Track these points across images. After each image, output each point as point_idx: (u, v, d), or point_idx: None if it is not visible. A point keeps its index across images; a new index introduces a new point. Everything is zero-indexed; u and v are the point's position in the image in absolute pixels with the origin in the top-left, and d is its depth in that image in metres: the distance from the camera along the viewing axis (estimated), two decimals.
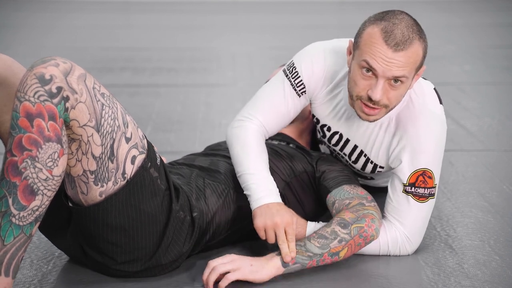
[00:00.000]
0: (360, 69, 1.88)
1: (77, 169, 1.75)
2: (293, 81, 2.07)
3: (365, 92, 1.89)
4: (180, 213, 1.92)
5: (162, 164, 1.90)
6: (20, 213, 1.63)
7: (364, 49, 1.87)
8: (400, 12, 1.90)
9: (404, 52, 1.85)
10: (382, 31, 1.85)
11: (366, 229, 1.94)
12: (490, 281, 1.92)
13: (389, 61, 1.84)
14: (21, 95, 1.63)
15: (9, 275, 1.65)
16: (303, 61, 2.07)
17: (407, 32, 1.85)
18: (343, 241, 1.92)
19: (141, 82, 4.66)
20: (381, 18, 1.88)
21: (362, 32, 1.90)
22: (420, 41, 1.88)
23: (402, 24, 1.86)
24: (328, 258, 1.91)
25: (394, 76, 1.85)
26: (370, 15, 1.97)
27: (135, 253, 1.88)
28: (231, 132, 2.11)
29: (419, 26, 1.90)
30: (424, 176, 1.98)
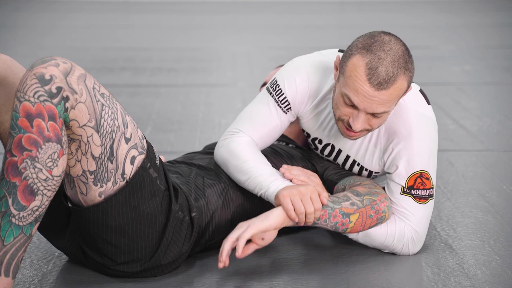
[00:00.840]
0: (342, 97, 1.87)
1: (77, 169, 1.75)
2: (277, 99, 2.04)
3: (346, 118, 1.89)
4: (179, 213, 1.92)
5: (161, 164, 1.90)
6: (20, 213, 1.63)
7: (347, 81, 1.84)
8: (389, 40, 1.84)
9: (387, 91, 1.81)
10: (367, 66, 1.81)
11: (378, 202, 1.96)
12: (490, 281, 1.92)
13: (371, 98, 1.82)
14: (20, 95, 1.63)
15: (9, 275, 1.65)
16: (286, 79, 2.03)
17: (392, 68, 1.81)
18: (355, 205, 1.93)
19: (141, 82, 4.66)
20: (368, 47, 1.83)
21: (348, 59, 1.85)
22: (405, 74, 1.83)
23: (387, 58, 1.81)
24: (339, 216, 1.91)
25: (375, 113, 1.85)
26: (369, 15, 1.96)
27: (134, 254, 1.88)
28: (220, 150, 2.07)
29: (406, 55, 1.84)
30: (422, 178, 1.99)
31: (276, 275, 1.94)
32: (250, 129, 2.06)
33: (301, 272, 1.96)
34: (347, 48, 1.88)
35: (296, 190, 1.88)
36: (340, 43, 6.40)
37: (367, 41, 1.84)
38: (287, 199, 1.87)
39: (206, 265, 2.02)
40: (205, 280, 1.93)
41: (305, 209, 1.86)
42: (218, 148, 2.09)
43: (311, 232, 2.21)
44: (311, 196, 1.87)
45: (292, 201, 1.87)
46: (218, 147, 2.09)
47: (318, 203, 1.88)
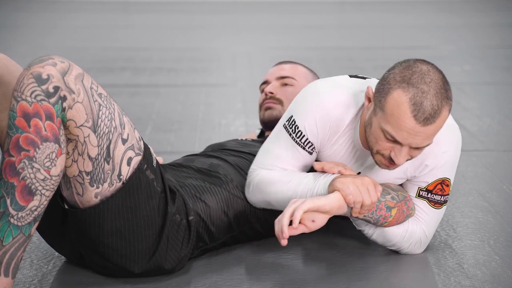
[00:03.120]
0: (382, 132, 1.78)
1: (73, 169, 1.75)
2: (299, 141, 1.94)
3: (387, 152, 1.81)
4: (176, 216, 1.91)
5: (158, 166, 1.90)
6: (18, 213, 1.63)
7: (389, 119, 1.75)
8: (427, 70, 1.76)
9: (433, 125, 1.74)
10: (411, 101, 1.72)
11: (409, 199, 1.96)
12: (490, 281, 1.92)
13: (416, 134, 1.75)
14: (18, 94, 1.62)
15: (9, 275, 1.65)
16: (305, 119, 1.91)
17: (437, 101, 1.73)
18: (394, 199, 1.92)
19: (141, 82, 4.66)
20: (408, 80, 1.73)
21: (388, 94, 1.75)
22: (448, 104, 1.76)
23: (431, 91, 1.73)
24: (384, 209, 1.90)
25: (419, 147, 1.79)
26: (370, 15, 1.95)
27: (131, 256, 1.87)
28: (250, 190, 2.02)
29: (446, 83, 1.78)
30: (442, 185, 1.97)
31: (276, 275, 1.94)
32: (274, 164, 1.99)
33: (301, 271, 1.96)
34: (382, 80, 1.79)
35: (354, 179, 1.85)
36: (340, 43, 6.41)
37: (405, 73, 1.75)
38: (345, 185, 1.84)
39: (206, 265, 2.01)
40: (205, 280, 1.92)
41: (363, 198, 1.84)
42: (250, 181, 2.02)
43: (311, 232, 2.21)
44: (368, 188, 1.85)
45: (351, 188, 1.83)
46: (250, 180, 2.03)
47: (375, 195, 1.85)
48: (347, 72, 2.32)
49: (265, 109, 2.39)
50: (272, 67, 2.48)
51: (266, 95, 2.39)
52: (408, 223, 2.00)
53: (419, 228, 2.01)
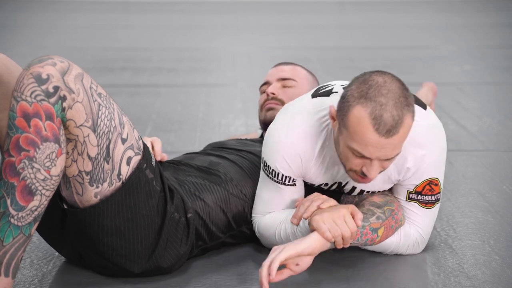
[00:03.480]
0: (350, 150, 1.78)
1: (73, 169, 1.75)
2: (279, 180, 1.98)
3: (359, 168, 1.81)
4: (175, 215, 1.91)
5: (157, 165, 1.90)
6: (18, 213, 1.63)
7: (353, 136, 1.75)
8: (384, 81, 1.74)
9: (397, 135, 1.73)
10: (371, 116, 1.70)
11: (396, 212, 1.95)
12: (490, 281, 1.92)
13: (382, 147, 1.74)
14: (17, 94, 1.62)
15: (9, 275, 1.65)
16: (275, 160, 1.94)
17: (397, 111, 1.71)
18: (380, 219, 1.91)
19: (141, 82, 4.66)
20: (365, 95, 1.72)
21: (348, 111, 1.74)
22: (409, 111, 1.74)
23: (390, 102, 1.71)
24: (369, 233, 1.90)
25: (388, 158, 1.78)
26: (370, 15, 1.94)
27: (131, 255, 1.87)
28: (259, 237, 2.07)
29: (404, 90, 1.75)
30: (431, 185, 1.96)
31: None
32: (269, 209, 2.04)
33: (302, 273, 1.96)
34: (342, 98, 1.78)
35: (328, 214, 1.84)
36: (340, 43, 6.41)
37: (362, 88, 1.74)
38: (320, 223, 1.83)
39: (206, 265, 2.01)
40: (205, 280, 1.92)
41: (341, 232, 1.83)
42: (254, 229, 2.08)
43: None
44: (345, 219, 1.83)
45: (327, 225, 1.82)
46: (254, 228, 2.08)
47: (353, 224, 1.84)
48: (347, 72, 2.33)
49: (266, 109, 2.38)
50: (272, 68, 2.47)
51: (267, 95, 2.38)
52: (400, 228, 2.00)
53: (413, 230, 2.01)
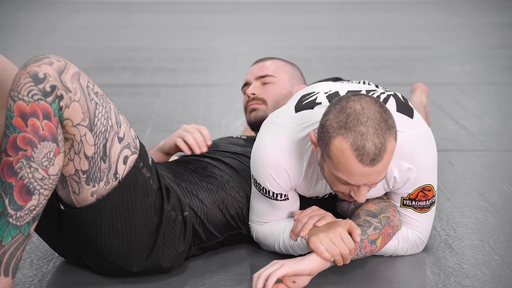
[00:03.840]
0: (336, 178, 1.77)
1: (69, 168, 1.75)
2: (271, 196, 1.97)
3: (347, 191, 1.81)
4: (172, 213, 1.91)
5: (153, 164, 1.90)
6: (17, 213, 1.63)
7: (338, 166, 1.73)
8: (361, 108, 1.70)
9: (381, 162, 1.71)
10: (352, 148, 1.68)
11: (392, 218, 1.94)
12: (490, 281, 1.92)
13: (368, 175, 1.72)
14: (14, 94, 1.62)
15: (9, 275, 1.65)
16: (265, 179, 1.93)
17: (379, 139, 1.69)
18: (377, 229, 1.91)
19: (141, 82, 4.66)
20: (344, 125, 1.70)
21: (329, 142, 1.72)
22: (391, 135, 1.72)
23: (370, 130, 1.68)
24: (368, 245, 1.89)
25: (374, 183, 1.78)
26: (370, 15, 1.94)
27: (129, 255, 1.87)
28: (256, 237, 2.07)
29: (383, 113, 1.72)
30: (424, 191, 1.96)
31: None
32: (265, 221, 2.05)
33: None
34: (321, 127, 1.75)
35: (324, 234, 1.83)
36: (340, 43, 6.41)
37: (340, 118, 1.71)
38: (317, 243, 1.82)
39: (206, 265, 2.01)
40: (205, 280, 1.92)
41: (339, 250, 1.82)
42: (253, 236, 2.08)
43: None
44: (341, 237, 1.83)
45: (324, 245, 1.82)
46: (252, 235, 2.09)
47: (350, 241, 1.83)
48: (347, 72, 2.33)
49: (249, 111, 2.39)
50: (251, 66, 2.48)
51: (248, 97, 2.39)
52: (398, 232, 2.00)
53: (411, 233, 2.01)
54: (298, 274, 1.81)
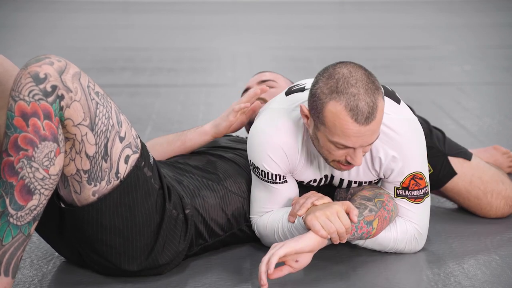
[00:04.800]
0: (332, 144, 1.82)
1: (71, 168, 1.75)
2: (270, 179, 2.00)
3: (343, 158, 1.85)
4: (173, 212, 1.92)
5: (155, 163, 1.90)
6: (17, 213, 1.63)
7: (334, 130, 1.78)
8: (349, 72, 1.78)
9: (375, 120, 1.77)
10: (347, 109, 1.75)
11: (387, 203, 1.95)
12: (490, 281, 1.92)
13: (363, 134, 1.78)
14: (15, 94, 1.62)
15: (9, 275, 1.65)
16: (262, 161, 1.96)
17: (370, 98, 1.76)
18: (373, 211, 1.92)
19: (141, 82, 4.66)
20: (336, 89, 1.76)
21: (323, 108, 1.78)
22: (379, 94, 1.79)
23: (361, 91, 1.76)
24: (364, 226, 1.90)
25: (370, 143, 1.82)
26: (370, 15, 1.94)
27: (130, 254, 1.87)
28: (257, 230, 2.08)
29: (370, 76, 1.80)
30: (415, 179, 1.98)
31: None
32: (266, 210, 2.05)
33: (301, 272, 1.96)
34: (312, 97, 1.81)
35: (321, 211, 1.85)
36: (340, 43, 6.41)
37: (330, 84, 1.78)
38: (313, 221, 1.84)
39: (206, 264, 2.01)
40: (205, 280, 1.92)
41: (336, 228, 1.84)
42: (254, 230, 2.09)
43: None
44: (338, 215, 1.85)
45: (320, 222, 1.84)
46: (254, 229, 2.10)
47: (347, 220, 1.85)
48: None
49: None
50: (254, 75, 2.52)
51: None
52: (397, 224, 2.01)
53: (409, 226, 2.02)
54: (299, 252, 1.83)
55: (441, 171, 2.33)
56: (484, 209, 2.33)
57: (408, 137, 1.95)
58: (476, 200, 2.33)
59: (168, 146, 2.23)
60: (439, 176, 2.33)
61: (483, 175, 2.34)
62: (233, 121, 2.18)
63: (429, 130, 2.38)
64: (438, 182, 2.35)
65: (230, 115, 2.18)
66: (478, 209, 2.34)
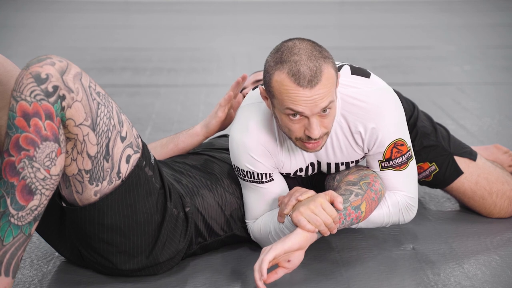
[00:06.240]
0: (287, 116, 1.82)
1: (72, 168, 1.75)
2: (255, 179, 2.01)
3: (301, 133, 1.85)
4: (174, 210, 1.92)
5: (156, 162, 1.91)
6: (18, 213, 1.63)
7: (281, 97, 1.80)
8: (293, 44, 1.82)
9: (320, 84, 1.78)
10: (289, 74, 1.78)
11: (373, 183, 1.96)
12: (490, 281, 1.92)
13: (311, 99, 1.78)
14: (17, 94, 1.62)
15: (9, 275, 1.65)
16: (244, 161, 1.98)
17: (312, 63, 1.78)
18: (359, 195, 1.92)
19: (141, 82, 4.66)
20: (280, 60, 1.80)
21: (270, 81, 1.82)
22: (326, 62, 1.80)
23: (302, 57, 1.79)
24: (353, 212, 1.90)
25: (322, 108, 1.81)
26: (369, 15, 1.95)
27: (131, 253, 1.88)
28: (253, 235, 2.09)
29: (316, 46, 1.83)
30: (397, 147, 1.98)
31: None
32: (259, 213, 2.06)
33: (301, 272, 1.96)
34: (264, 73, 1.85)
35: (304, 206, 1.86)
36: (340, 43, 6.41)
37: (276, 56, 1.82)
38: (298, 217, 1.85)
39: (206, 264, 2.02)
40: (205, 280, 1.93)
41: (322, 220, 1.84)
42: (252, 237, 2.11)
43: None
44: (323, 206, 1.85)
45: (306, 217, 1.84)
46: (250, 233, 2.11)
47: (332, 210, 1.85)
48: None
49: None
50: (252, 74, 2.52)
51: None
52: (386, 199, 2.01)
53: (399, 196, 2.02)
54: (288, 251, 1.83)
55: (447, 170, 2.33)
56: (488, 209, 2.33)
57: (382, 107, 1.95)
58: (481, 200, 2.33)
59: (162, 149, 2.24)
60: (445, 176, 2.33)
61: (489, 175, 2.34)
62: (222, 117, 2.19)
63: (434, 127, 2.38)
64: (443, 182, 2.35)
65: (219, 111, 2.19)
66: (482, 208, 2.34)
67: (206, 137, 2.22)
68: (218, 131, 2.23)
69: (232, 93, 2.19)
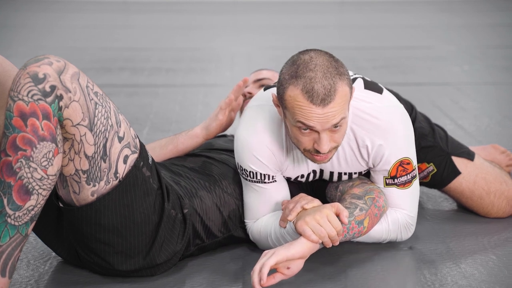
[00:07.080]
0: (297, 128, 1.83)
1: (70, 168, 1.75)
2: (258, 179, 2.01)
3: (311, 145, 1.85)
4: (172, 211, 1.92)
5: (153, 163, 1.91)
6: (15, 213, 1.63)
7: (293, 111, 1.80)
8: (310, 58, 1.80)
9: (333, 102, 1.77)
10: (303, 91, 1.77)
11: (377, 199, 1.96)
12: (487, 280, 1.92)
13: (323, 116, 1.78)
14: (14, 94, 1.62)
15: (6, 275, 1.65)
16: (248, 161, 1.98)
17: (327, 81, 1.77)
18: (363, 210, 1.92)
19: (140, 82, 4.66)
20: (295, 74, 1.79)
21: (284, 94, 1.81)
22: (341, 79, 1.79)
23: (318, 74, 1.78)
24: (356, 226, 1.90)
25: (333, 125, 1.81)
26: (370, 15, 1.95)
27: (128, 253, 1.88)
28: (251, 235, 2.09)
29: (333, 61, 1.81)
30: (403, 165, 1.99)
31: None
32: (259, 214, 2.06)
33: (299, 273, 1.96)
34: (278, 83, 1.84)
35: (310, 216, 1.85)
36: (340, 43, 6.41)
37: (291, 70, 1.81)
38: (303, 226, 1.84)
39: (203, 264, 2.02)
40: (203, 280, 1.93)
41: (327, 232, 1.84)
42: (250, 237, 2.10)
43: None
44: (328, 218, 1.85)
45: (311, 227, 1.84)
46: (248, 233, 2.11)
47: (337, 222, 1.85)
48: None
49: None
50: (252, 73, 2.52)
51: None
52: (387, 215, 2.02)
53: (400, 214, 2.03)
54: (290, 258, 1.83)
55: (445, 170, 2.33)
56: (486, 209, 2.33)
57: (392, 124, 1.95)
58: (479, 200, 2.33)
59: (161, 150, 2.24)
60: (443, 176, 2.33)
61: (487, 175, 2.34)
62: (222, 119, 2.19)
63: (431, 128, 2.38)
64: (441, 182, 2.35)
65: (219, 114, 2.19)
66: (480, 208, 2.34)
67: (205, 139, 2.23)
68: (218, 133, 2.23)
69: (233, 96, 2.19)
